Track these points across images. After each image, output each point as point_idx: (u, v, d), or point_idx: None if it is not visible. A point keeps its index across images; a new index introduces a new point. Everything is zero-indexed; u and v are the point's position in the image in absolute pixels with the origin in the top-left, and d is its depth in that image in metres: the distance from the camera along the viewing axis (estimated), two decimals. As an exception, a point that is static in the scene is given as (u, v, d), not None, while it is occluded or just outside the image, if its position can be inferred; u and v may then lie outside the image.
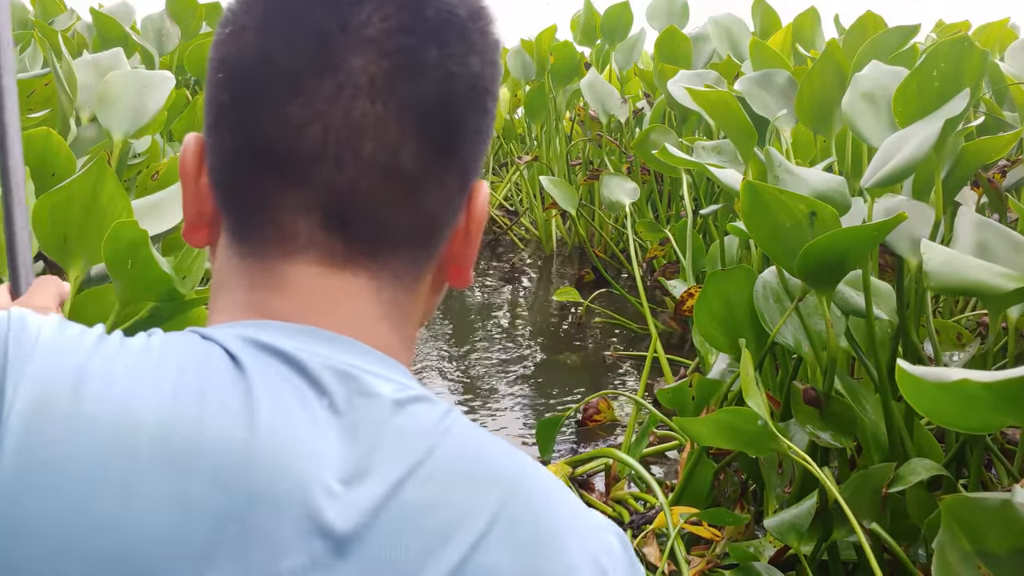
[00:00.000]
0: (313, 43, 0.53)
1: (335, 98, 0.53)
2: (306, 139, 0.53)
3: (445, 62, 0.54)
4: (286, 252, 0.55)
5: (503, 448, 0.54)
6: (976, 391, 1.08)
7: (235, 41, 0.55)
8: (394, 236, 0.56)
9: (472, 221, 0.59)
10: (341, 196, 0.54)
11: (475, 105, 0.56)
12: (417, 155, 0.54)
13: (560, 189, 3.87)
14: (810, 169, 1.85)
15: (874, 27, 3.19)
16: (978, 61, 1.70)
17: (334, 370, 0.52)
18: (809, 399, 1.67)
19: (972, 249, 1.57)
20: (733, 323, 1.82)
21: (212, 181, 0.57)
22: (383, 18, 0.53)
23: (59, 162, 1.95)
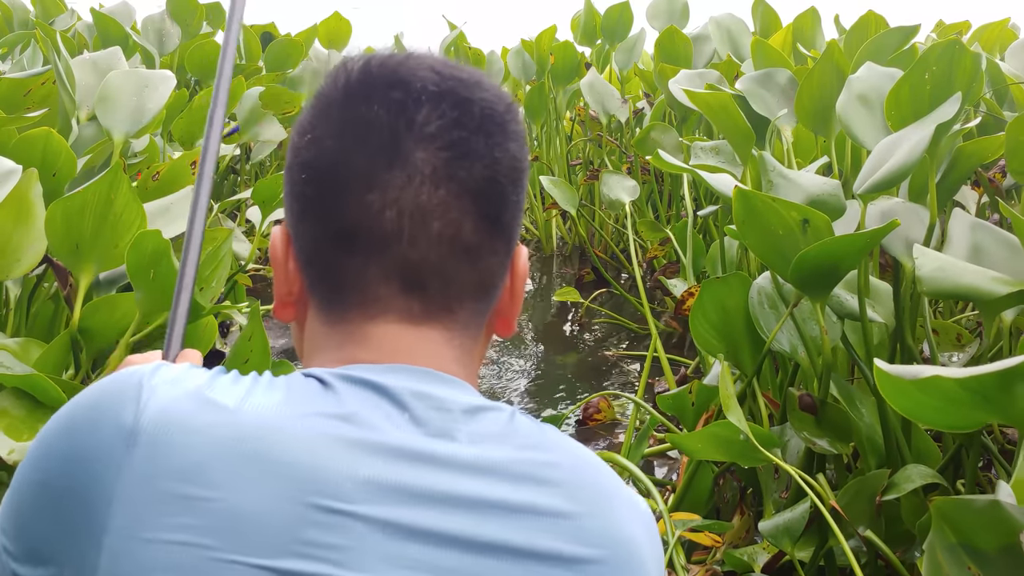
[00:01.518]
0: (384, 143, 0.64)
1: (405, 186, 0.64)
2: (384, 222, 0.64)
3: (491, 149, 0.66)
4: (369, 315, 0.66)
5: (557, 438, 0.66)
6: (949, 388, 1.09)
7: (315, 147, 0.67)
8: (461, 294, 0.67)
9: (516, 279, 0.71)
10: (416, 265, 0.65)
11: (514, 182, 0.68)
12: (475, 228, 0.65)
13: (560, 189, 3.87)
14: (804, 173, 1.84)
15: (876, 27, 3.19)
16: (969, 64, 1.70)
17: (412, 391, 0.63)
18: (805, 405, 1.67)
19: (966, 252, 1.56)
20: (729, 330, 1.82)
21: (300, 263, 0.68)
22: (439, 116, 0.65)
23: (60, 162, 1.95)
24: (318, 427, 0.59)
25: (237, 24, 0.99)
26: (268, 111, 4.11)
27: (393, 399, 0.62)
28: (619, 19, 4.90)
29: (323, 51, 5.62)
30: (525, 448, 0.63)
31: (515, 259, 0.70)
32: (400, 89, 0.65)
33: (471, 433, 0.62)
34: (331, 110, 0.67)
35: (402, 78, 0.65)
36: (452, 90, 0.66)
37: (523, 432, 0.64)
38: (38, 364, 1.55)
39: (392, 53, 0.69)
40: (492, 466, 0.61)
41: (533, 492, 0.61)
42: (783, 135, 2.62)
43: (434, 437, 0.61)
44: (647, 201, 4.42)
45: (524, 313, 4.34)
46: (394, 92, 0.65)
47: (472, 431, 0.62)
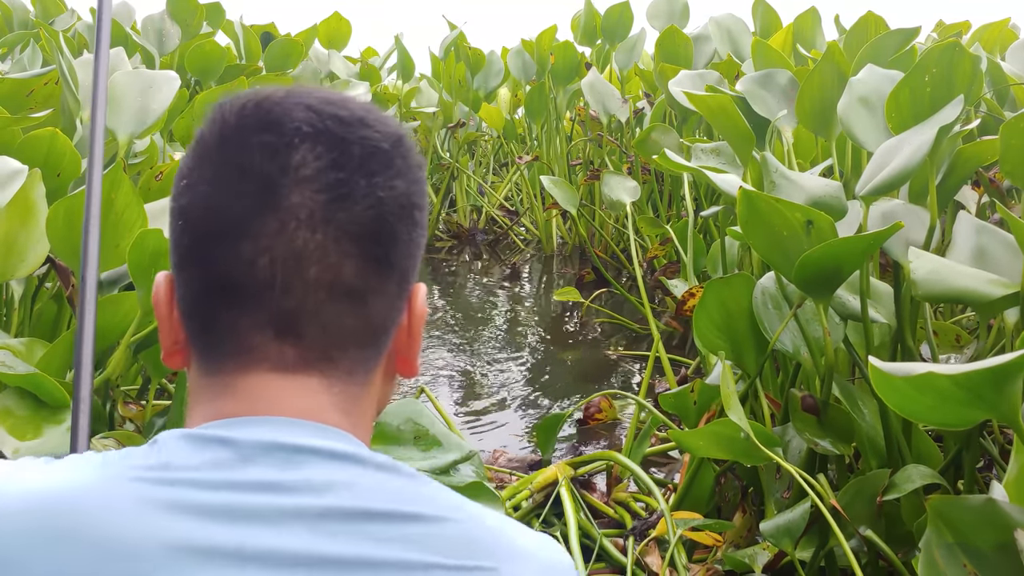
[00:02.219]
0: (258, 188, 0.62)
1: (279, 233, 0.61)
2: (257, 270, 0.61)
3: (373, 189, 0.63)
4: (242, 366, 0.63)
5: (433, 493, 0.63)
6: (943, 385, 1.10)
7: (190, 193, 0.64)
8: (343, 341, 0.64)
9: (414, 319, 0.67)
10: (292, 313, 0.62)
11: (405, 220, 0.65)
12: (357, 271, 0.63)
13: (561, 189, 3.87)
14: (806, 174, 1.85)
15: (875, 28, 3.19)
16: (969, 66, 1.70)
17: (262, 443, 0.60)
18: (807, 406, 1.67)
19: (970, 254, 1.56)
20: (732, 330, 1.82)
21: (181, 312, 0.66)
22: (316, 158, 0.62)
23: (65, 162, 1.95)
24: (129, 491, 0.57)
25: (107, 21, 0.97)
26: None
27: (239, 452, 0.59)
28: (619, 19, 4.91)
29: (323, 51, 5.63)
30: (383, 500, 0.60)
31: (412, 298, 0.67)
32: (273, 132, 0.62)
33: (319, 483, 0.59)
34: (207, 154, 0.64)
35: (275, 120, 0.63)
36: (328, 130, 0.63)
37: (388, 486, 0.61)
38: (41, 364, 1.55)
39: (272, 91, 0.65)
40: (331, 517, 0.58)
41: (373, 547, 0.58)
42: (783, 136, 2.62)
43: (270, 491, 0.58)
44: (647, 201, 4.43)
45: (525, 313, 4.35)
46: (267, 135, 0.62)
47: (322, 480, 0.59)
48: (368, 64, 5.82)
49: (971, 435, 1.64)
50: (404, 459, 2.03)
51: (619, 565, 1.92)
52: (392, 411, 2.11)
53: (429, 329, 3.93)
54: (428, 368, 3.48)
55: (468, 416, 3.07)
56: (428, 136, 5.52)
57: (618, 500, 2.25)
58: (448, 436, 2.11)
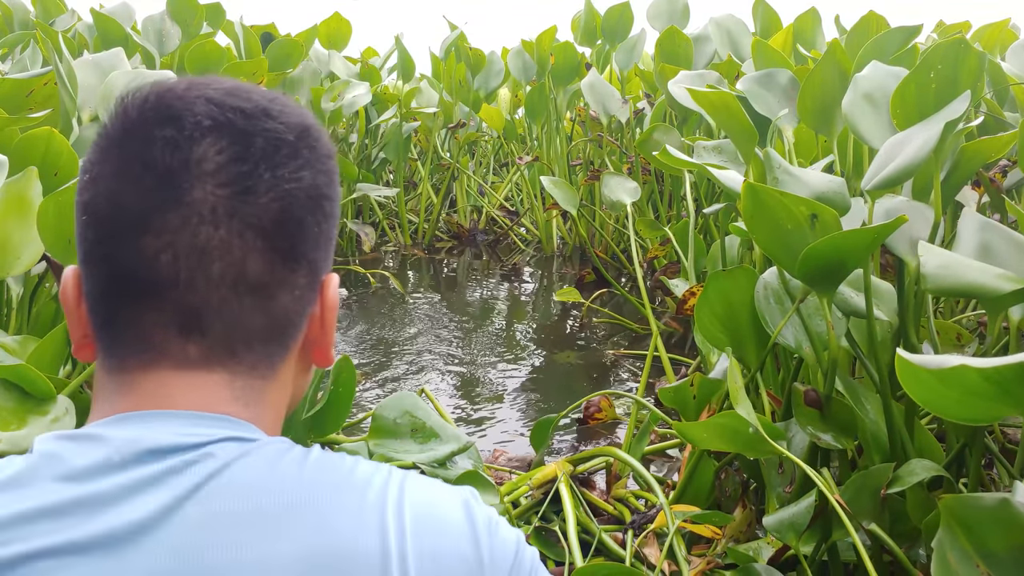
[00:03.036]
0: (160, 183, 0.61)
1: (182, 228, 0.61)
2: (160, 267, 0.61)
3: (279, 181, 0.62)
4: (143, 363, 0.63)
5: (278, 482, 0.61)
6: (973, 379, 1.09)
7: (94, 187, 0.63)
8: (248, 337, 0.63)
9: (326, 310, 0.67)
10: (195, 310, 0.62)
11: (314, 211, 0.65)
12: (263, 266, 0.62)
13: (561, 189, 3.87)
14: (810, 170, 1.85)
15: (876, 27, 3.19)
16: (975, 63, 1.70)
17: (127, 439, 0.59)
18: (810, 401, 1.67)
19: (975, 250, 1.56)
20: (734, 324, 1.82)
21: (87, 307, 0.65)
22: (218, 152, 0.61)
23: (62, 162, 1.95)
24: None
25: None
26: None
27: (110, 449, 0.59)
28: (619, 19, 4.91)
29: (323, 51, 5.63)
30: (248, 488, 0.59)
31: (323, 289, 0.67)
32: (174, 126, 0.61)
33: (180, 466, 0.58)
34: (110, 148, 0.63)
35: (176, 113, 0.62)
36: (230, 123, 0.62)
37: (255, 473, 0.59)
38: (32, 358, 1.56)
39: (175, 83, 0.65)
40: (185, 505, 0.57)
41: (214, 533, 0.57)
42: (784, 135, 2.62)
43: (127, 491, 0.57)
44: (648, 201, 4.43)
45: (525, 313, 4.35)
46: (168, 129, 0.61)
47: (184, 466, 0.58)
48: (368, 64, 5.82)
49: (976, 434, 1.63)
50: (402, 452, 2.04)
51: (618, 558, 1.92)
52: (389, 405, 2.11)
53: (429, 329, 3.93)
54: (428, 368, 3.48)
55: (468, 415, 3.07)
56: (428, 136, 5.52)
57: (618, 497, 2.25)
58: (445, 428, 2.11)
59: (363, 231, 4.95)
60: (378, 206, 5.71)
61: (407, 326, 4.00)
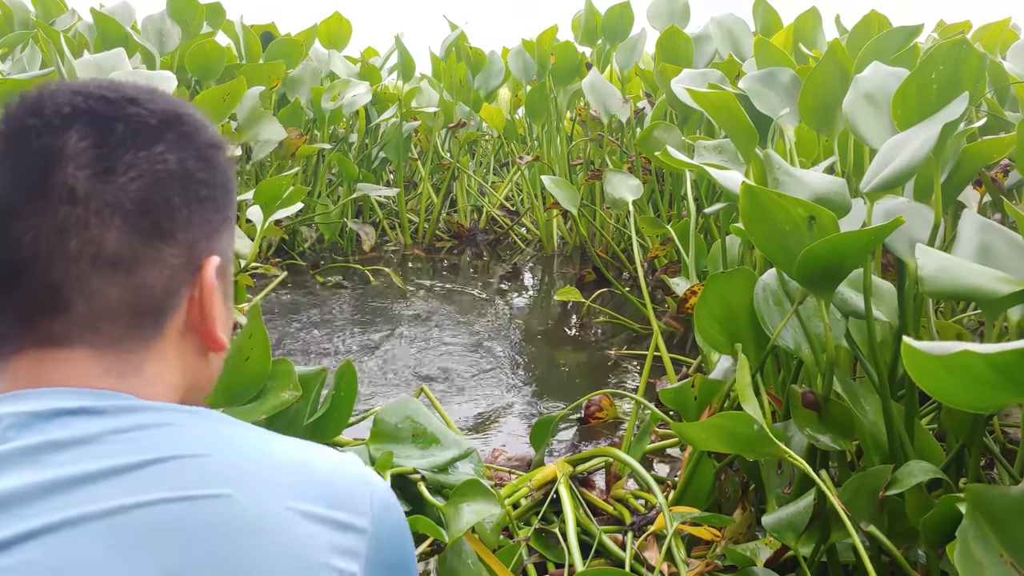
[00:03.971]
0: (26, 170, 0.64)
1: (45, 210, 0.63)
2: (22, 248, 0.64)
3: (139, 162, 0.65)
4: (16, 347, 0.65)
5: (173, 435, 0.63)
6: (977, 365, 1.09)
7: None
8: (112, 312, 0.65)
9: (203, 292, 0.69)
10: (55, 287, 0.64)
11: (182, 191, 0.67)
12: (120, 242, 0.64)
13: (562, 189, 3.87)
14: (810, 171, 1.84)
15: (878, 27, 3.19)
16: (976, 63, 1.69)
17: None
18: (808, 402, 1.67)
19: (975, 252, 1.56)
20: (733, 325, 1.82)
21: None
22: (81, 137, 0.65)
23: None
24: None
25: None
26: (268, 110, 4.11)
27: None
28: (620, 19, 4.90)
29: (323, 51, 5.63)
30: (115, 454, 0.60)
31: (200, 271, 0.69)
32: (36, 116, 0.65)
33: (60, 441, 0.60)
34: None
35: (41, 106, 0.66)
36: (93, 110, 0.65)
37: (132, 436, 0.61)
38: None
39: (52, 82, 0.68)
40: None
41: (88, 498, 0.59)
42: (785, 134, 2.62)
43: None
44: (648, 201, 4.42)
45: (526, 312, 4.35)
46: (33, 119, 0.65)
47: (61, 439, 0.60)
48: (368, 64, 5.82)
49: (975, 433, 1.63)
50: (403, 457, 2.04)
51: (619, 560, 1.91)
52: (390, 409, 2.11)
53: (430, 329, 3.93)
54: (429, 367, 3.48)
55: (467, 415, 3.06)
56: (429, 136, 5.52)
57: (617, 497, 2.25)
58: (446, 434, 2.11)
59: (363, 231, 4.95)
60: (378, 206, 5.71)
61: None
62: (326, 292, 4.42)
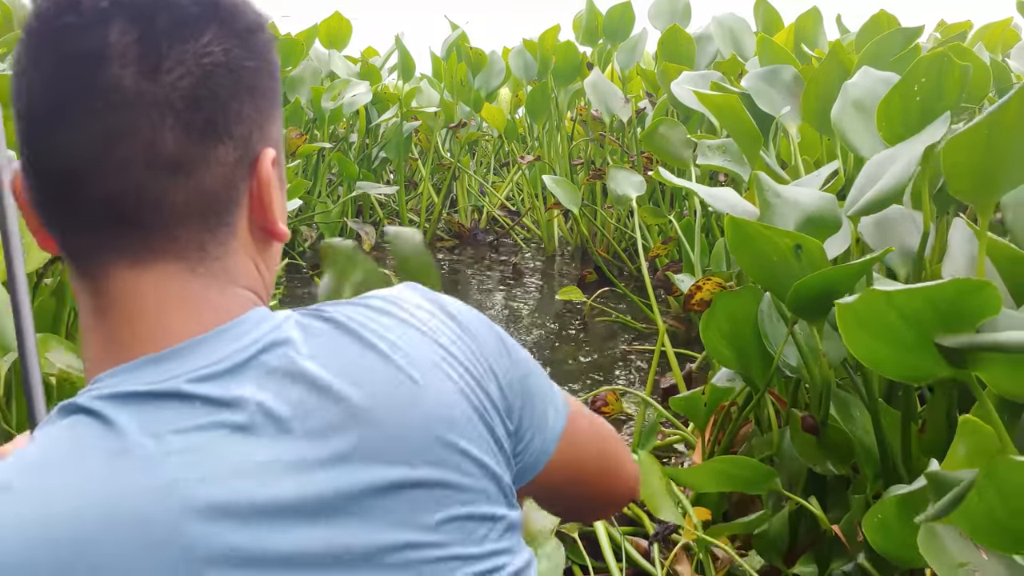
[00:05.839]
0: (70, 72, 0.60)
1: (94, 114, 0.60)
2: (76, 156, 0.60)
3: (186, 57, 0.61)
4: (102, 265, 0.63)
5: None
6: (888, 316, 1.14)
7: (17, 81, 0.63)
8: (183, 217, 0.62)
9: (261, 185, 0.65)
10: (117, 197, 0.61)
11: (232, 85, 0.63)
12: (176, 142, 0.61)
13: (563, 188, 3.87)
14: (800, 188, 1.83)
15: (887, 26, 3.18)
16: (958, 75, 1.68)
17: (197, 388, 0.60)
18: (807, 427, 1.67)
19: (965, 263, 1.55)
20: (740, 342, 1.81)
21: (30, 201, 0.65)
22: (121, 33, 0.60)
23: None
24: (121, 504, 0.54)
25: None
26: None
27: (175, 396, 0.59)
28: (621, 19, 4.91)
29: (323, 51, 5.63)
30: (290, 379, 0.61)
31: (255, 166, 0.65)
32: (74, 13, 0.61)
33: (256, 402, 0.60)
34: (28, 43, 0.63)
35: (76, 2, 0.61)
36: (131, 3, 0.61)
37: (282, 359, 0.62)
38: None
39: None
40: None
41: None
42: (789, 132, 2.62)
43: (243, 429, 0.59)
44: (649, 200, 4.42)
45: (527, 312, 4.34)
46: (68, 17, 0.61)
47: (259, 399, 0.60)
48: (369, 64, 5.82)
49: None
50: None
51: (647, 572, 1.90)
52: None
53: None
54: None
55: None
56: (429, 136, 5.52)
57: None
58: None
59: (363, 230, 4.95)
60: (379, 205, 5.70)
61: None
62: (327, 292, 4.41)
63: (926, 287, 1.18)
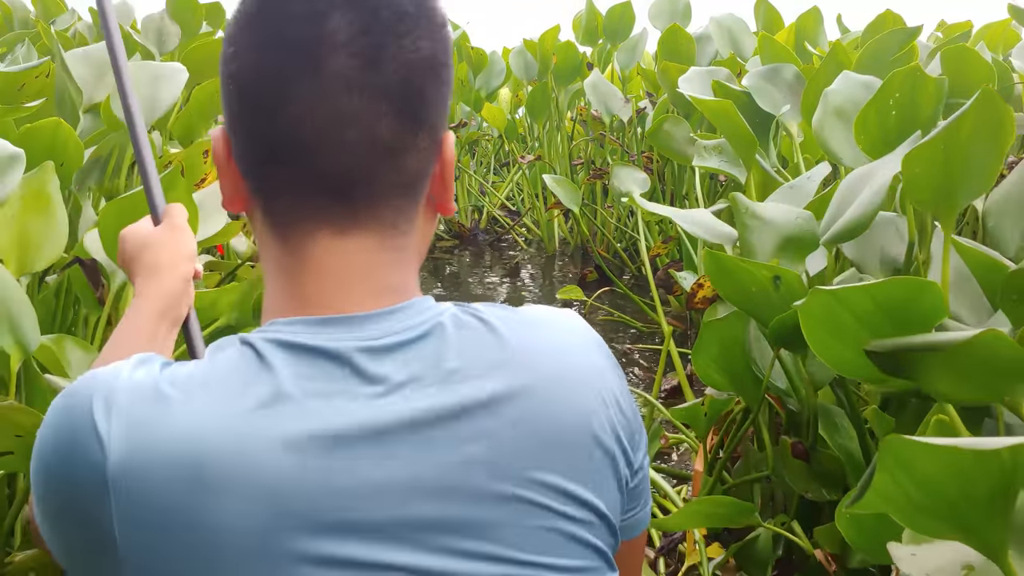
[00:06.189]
0: (297, 55, 0.66)
1: (320, 97, 0.65)
2: (304, 133, 0.66)
3: (402, 51, 0.67)
4: (306, 231, 0.69)
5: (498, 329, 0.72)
6: (840, 315, 1.15)
7: (237, 60, 0.69)
8: (387, 195, 0.69)
9: (445, 166, 0.73)
10: (340, 174, 0.67)
11: (433, 78, 0.69)
12: (392, 130, 0.67)
13: (563, 188, 3.87)
14: (779, 206, 1.79)
15: (892, 26, 3.17)
16: (932, 89, 1.66)
17: (352, 348, 0.66)
18: (797, 453, 1.66)
19: (951, 273, 1.53)
20: (730, 367, 1.78)
21: (240, 169, 0.71)
22: (349, 23, 0.66)
23: (68, 152, 1.93)
24: (256, 433, 0.61)
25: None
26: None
27: (337, 361, 0.65)
28: (621, 19, 4.90)
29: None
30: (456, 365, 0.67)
31: (442, 148, 0.72)
32: (308, 1, 0.66)
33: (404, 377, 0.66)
34: (248, 23, 0.68)
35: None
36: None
37: (452, 344, 0.68)
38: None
39: None
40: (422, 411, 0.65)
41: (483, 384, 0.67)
42: (791, 131, 2.61)
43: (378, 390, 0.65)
44: (650, 197, 4.42)
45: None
46: (303, 5, 0.66)
47: (404, 362, 0.66)
48: (369, 64, 5.81)
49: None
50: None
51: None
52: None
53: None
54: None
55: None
56: (429, 136, 5.50)
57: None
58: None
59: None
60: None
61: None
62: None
63: (869, 285, 1.17)
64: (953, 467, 0.84)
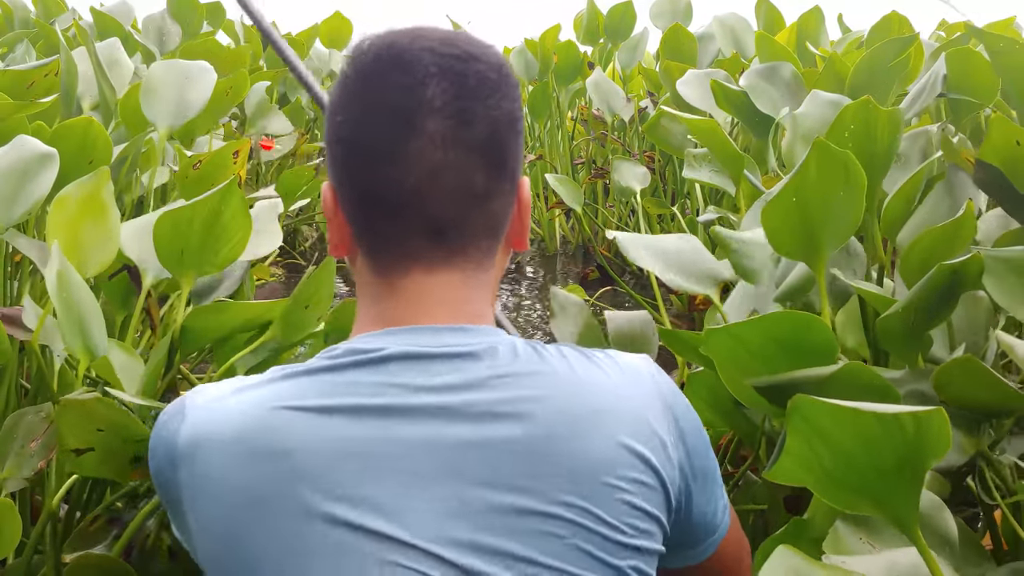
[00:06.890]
0: (399, 120, 0.78)
1: (420, 155, 0.78)
2: (407, 186, 0.78)
3: (488, 111, 0.80)
4: (402, 268, 0.81)
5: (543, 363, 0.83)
6: (726, 341, 1.17)
7: (346, 126, 0.81)
8: (475, 236, 0.82)
9: (522, 207, 0.86)
10: (437, 219, 0.80)
11: (512, 132, 0.82)
12: (482, 179, 0.80)
13: (565, 187, 3.87)
14: (758, 239, 1.78)
15: (898, 27, 3.16)
16: (886, 120, 1.64)
17: (406, 352, 0.79)
18: (789, 508, 1.60)
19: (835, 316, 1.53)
20: (722, 408, 1.74)
21: (347, 219, 0.84)
22: (443, 91, 0.79)
23: (97, 150, 1.92)
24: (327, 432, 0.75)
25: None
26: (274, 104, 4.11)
27: (391, 360, 0.78)
28: (622, 18, 4.90)
29: (324, 51, 5.62)
30: (501, 387, 0.78)
31: (520, 192, 0.85)
32: (407, 73, 0.78)
33: (454, 383, 0.77)
34: (353, 94, 0.81)
35: (408, 63, 0.79)
36: (450, 68, 0.79)
37: (504, 367, 0.79)
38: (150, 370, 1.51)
39: (398, 36, 0.82)
40: (461, 409, 0.76)
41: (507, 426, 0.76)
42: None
43: (419, 392, 0.77)
44: (652, 194, 4.42)
45: (529, 311, 4.34)
46: (403, 77, 0.78)
47: (451, 380, 0.77)
48: (370, 63, 5.81)
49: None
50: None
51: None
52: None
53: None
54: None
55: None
56: (430, 135, 5.50)
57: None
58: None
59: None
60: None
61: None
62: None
63: (759, 319, 1.18)
64: (861, 434, 0.86)
